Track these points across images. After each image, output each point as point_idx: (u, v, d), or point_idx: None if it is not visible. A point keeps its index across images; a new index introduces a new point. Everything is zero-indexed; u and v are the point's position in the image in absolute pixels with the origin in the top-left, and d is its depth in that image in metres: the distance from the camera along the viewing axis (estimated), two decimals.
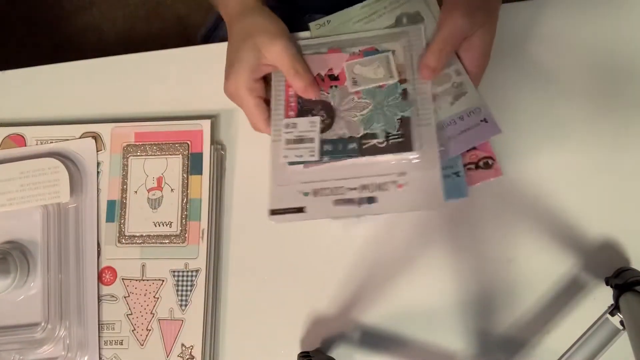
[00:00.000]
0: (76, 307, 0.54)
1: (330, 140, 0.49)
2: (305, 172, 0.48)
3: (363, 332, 0.53)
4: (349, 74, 0.51)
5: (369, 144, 0.48)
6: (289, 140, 0.49)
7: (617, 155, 0.53)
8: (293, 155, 0.48)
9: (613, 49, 0.55)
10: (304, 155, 0.48)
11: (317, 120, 0.50)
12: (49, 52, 1.51)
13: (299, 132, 0.49)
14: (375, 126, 0.48)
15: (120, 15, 1.51)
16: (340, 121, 0.49)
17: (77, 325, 0.54)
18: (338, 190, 0.46)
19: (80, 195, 0.56)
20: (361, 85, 0.50)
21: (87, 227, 0.56)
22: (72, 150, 0.57)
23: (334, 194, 0.47)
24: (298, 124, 0.50)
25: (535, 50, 0.54)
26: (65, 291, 0.54)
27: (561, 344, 0.46)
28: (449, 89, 0.50)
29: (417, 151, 0.46)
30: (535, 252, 0.52)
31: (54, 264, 0.55)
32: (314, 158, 0.48)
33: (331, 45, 0.53)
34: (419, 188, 0.45)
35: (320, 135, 0.49)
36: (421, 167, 0.46)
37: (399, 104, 0.49)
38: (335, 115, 0.50)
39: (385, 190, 0.46)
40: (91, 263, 0.55)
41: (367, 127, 0.48)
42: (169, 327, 0.54)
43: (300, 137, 0.49)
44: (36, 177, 0.56)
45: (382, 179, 0.46)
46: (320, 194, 0.47)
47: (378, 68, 0.51)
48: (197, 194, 0.55)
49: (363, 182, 0.46)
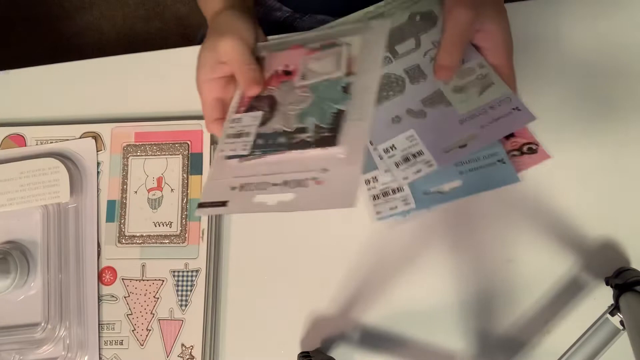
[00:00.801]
0: (76, 307, 0.54)
1: (264, 134, 0.47)
2: (239, 166, 0.46)
3: (363, 332, 0.53)
4: (302, 68, 0.50)
5: (298, 139, 0.45)
6: (229, 134, 0.48)
7: (617, 155, 0.53)
8: (228, 149, 0.47)
9: (613, 49, 0.55)
10: (237, 149, 0.47)
11: (259, 115, 0.48)
12: (49, 52, 1.51)
13: (241, 126, 0.48)
14: (309, 120, 0.46)
15: (120, 15, 1.51)
16: (279, 115, 0.48)
17: (77, 325, 0.54)
18: (261, 185, 0.44)
19: (80, 195, 0.56)
20: (309, 80, 0.49)
21: (87, 227, 0.56)
22: (72, 150, 0.57)
23: (258, 189, 0.44)
24: (242, 119, 0.49)
25: (535, 50, 0.54)
26: (65, 291, 0.54)
27: (561, 344, 0.46)
28: (474, 81, 0.49)
29: (342, 146, 0.43)
30: (535, 252, 0.52)
31: (53, 264, 0.55)
32: (245, 152, 0.46)
33: (296, 42, 0.52)
34: (335, 185, 0.41)
35: (258, 129, 0.47)
36: (345, 163, 0.42)
37: (336, 98, 0.46)
38: (276, 110, 0.48)
39: (304, 186, 0.42)
40: (91, 263, 0.55)
41: (300, 121, 0.46)
42: (169, 327, 0.54)
43: (239, 131, 0.48)
44: (36, 177, 0.56)
45: (304, 175, 0.43)
46: (245, 189, 0.45)
47: (328, 62, 0.49)
48: (197, 194, 0.55)
49: (285, 178, 0.44)
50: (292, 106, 0.48)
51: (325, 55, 0.49)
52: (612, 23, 0.55)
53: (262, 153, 0.46)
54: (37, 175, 0.56)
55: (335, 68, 0.48)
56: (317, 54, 0.50)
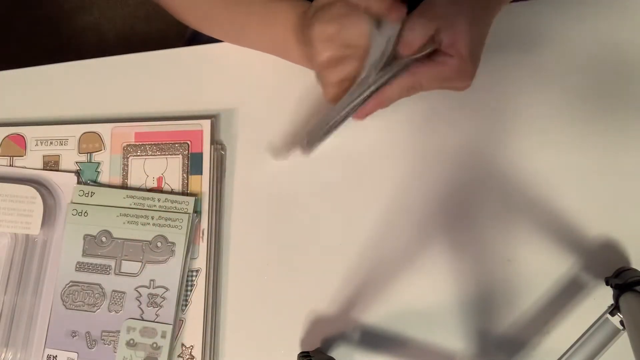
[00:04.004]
0: (23, 333, 0.54)
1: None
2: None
3: (363, 332, 0.53)
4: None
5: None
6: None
7: (617, 155, 0.53)
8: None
9: (613, 49, 0.55)
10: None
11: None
12: (49, 52, 1.51)
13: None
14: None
15: (120, 15, 1.51)
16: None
17: (21, 351, 0.54)
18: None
19: (51, 229, 0.56)
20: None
21: (50, 261, 0.55)
22: (54, 183, 0.57)
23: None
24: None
25: (535, 51, 0.54)
26: (17, 316, 0.54)
27: (561, 344, 0.46)
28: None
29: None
30: (535, 252, 0.52)
31: (11, 289, 0.55)
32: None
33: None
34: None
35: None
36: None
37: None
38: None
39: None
40: (47, 294, 0.55)
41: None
42: None
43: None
44: (12, 203, 0.56)
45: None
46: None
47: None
48: (197, 194, 0.55)
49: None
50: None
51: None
52: (612, 23, 0.55)
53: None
54: (14, 201, 0.56)
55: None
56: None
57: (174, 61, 0.61)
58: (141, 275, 0.53)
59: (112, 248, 0.54)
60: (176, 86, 0.60)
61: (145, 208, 0.55)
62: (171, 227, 0.54)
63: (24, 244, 0.56)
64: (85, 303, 0.53)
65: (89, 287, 0.54)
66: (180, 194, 0.55)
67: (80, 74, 0.62)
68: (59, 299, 0.54)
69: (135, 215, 0.54)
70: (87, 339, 0.53)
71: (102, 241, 0.54)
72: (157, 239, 0.53)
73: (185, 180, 0.56)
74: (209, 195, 0.55)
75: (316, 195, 0.56)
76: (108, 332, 0.53)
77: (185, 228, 0.53)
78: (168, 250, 0.53)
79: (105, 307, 0.53)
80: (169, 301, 0.52)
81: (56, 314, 0.54)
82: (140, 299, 0.53)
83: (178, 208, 0.54)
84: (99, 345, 0.52)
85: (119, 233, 0.54)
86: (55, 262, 0.55)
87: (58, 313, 0.54)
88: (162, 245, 0.53)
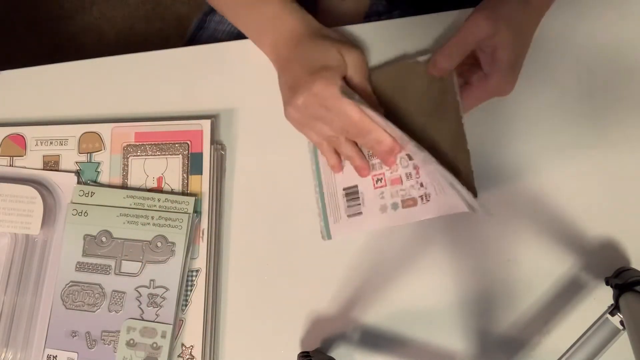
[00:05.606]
0: (23, 334, 0.54)
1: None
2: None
3: (363, 332, 0.53)
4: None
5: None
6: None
7: (617, 155, 0.53)
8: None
9: (613, 49, 0.55)
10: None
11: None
12: (49, 52, 1.51)
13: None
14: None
15: (120, 15, 1.51)
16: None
17: (22, 351, 0.54)
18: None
19: (51, 229, 0.56)
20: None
21: (50, 261, 0.56)
22: (54, 182, 0.57)
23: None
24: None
25: (535, 51, 0.54)
26: (17, 316, 0.54)
27: (561, 344, 0.46)
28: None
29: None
30: (534, 252, 0.52)
31: (12, 288, 0.55)
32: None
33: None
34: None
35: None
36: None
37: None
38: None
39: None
40: (47, 294, 0.55)
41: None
42: None
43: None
44: (12, 203, 0.56)
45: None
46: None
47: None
48: (197, 194, 0.55)
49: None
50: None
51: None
52: (612, 23, 0.55)
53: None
54: (14, 201, 0.56)
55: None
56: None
57: (174, 61, 0.61)
58: (141, 275, 0.53)
59: (112, 248, 0.54)
60: (176, 86, 0.60)
61: (145, 208, 0.55)
62: (171, 227, 0.54)
63: (24, 244, 0.56)
64: (85, 303, 0.53)
65: (89, 287, 0.54)
66: (180, 194, 0.55)
67: (80, 74, 0.62)
68: (59, 299, 0.54)
69: (135, 215, 0.54)
70: (87, 339, 0.53)
71: (102, 241, 0.54)
72: (157, 239, 0.53)
73: (185, 180, 0.56)
74: (209, 195, 0.55)
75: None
76: (108, 332, 0.53)
77: (185, 228, 0.53)
78: (168, 250, 0.53)
79: (105, 307, 0.53)
80: (169, 301, 0.52)
81: (56, 314, 0.54)
82: (140, 299, 0.53)
83: (178, 208, 0.54)
84: (99, 345, 0.52)
85: (119, 233, 0.54)
86: (55, 262, 0.55)
87: (58, 313, 0.54)
88: (162, 245, 0.53)
